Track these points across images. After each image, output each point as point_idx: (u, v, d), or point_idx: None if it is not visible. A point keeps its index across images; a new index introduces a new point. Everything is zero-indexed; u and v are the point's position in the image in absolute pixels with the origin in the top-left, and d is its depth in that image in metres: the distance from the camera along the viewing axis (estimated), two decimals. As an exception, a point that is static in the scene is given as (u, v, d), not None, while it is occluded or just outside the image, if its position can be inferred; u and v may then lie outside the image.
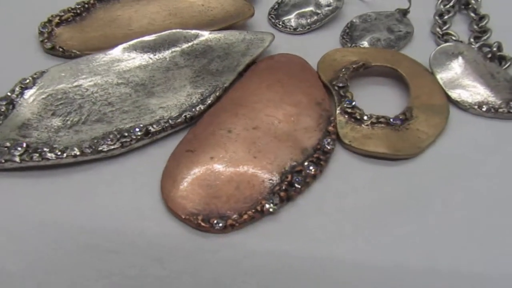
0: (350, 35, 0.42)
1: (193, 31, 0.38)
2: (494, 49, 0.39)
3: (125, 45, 0.36)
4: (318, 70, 0.36)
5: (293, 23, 0.43)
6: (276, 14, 0.43)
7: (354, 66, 0.36)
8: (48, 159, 0.28)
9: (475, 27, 0.43)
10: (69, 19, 0.39)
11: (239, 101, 0.33)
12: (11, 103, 0.31)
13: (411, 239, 0.26)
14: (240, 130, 0.30)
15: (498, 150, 0.32)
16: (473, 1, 0.45)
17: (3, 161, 0.28)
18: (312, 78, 0.36)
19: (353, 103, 0.33)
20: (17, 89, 0.32)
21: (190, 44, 0.37)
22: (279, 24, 0.42)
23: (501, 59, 0.39)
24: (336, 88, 0.35)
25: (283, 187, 0.27)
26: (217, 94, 0.34)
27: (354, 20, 0.43)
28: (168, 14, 0.41)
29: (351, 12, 0.45)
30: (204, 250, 0.25)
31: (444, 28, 0.43)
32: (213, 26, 0.40)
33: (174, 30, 0.38)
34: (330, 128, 0.31)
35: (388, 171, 0.30)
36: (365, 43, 0.41)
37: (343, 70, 0.36)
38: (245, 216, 0.26)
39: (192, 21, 0.41)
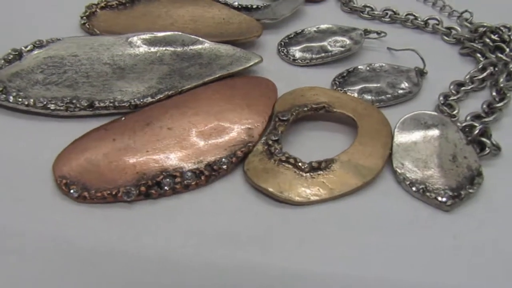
0: (345, 79, 0.40)
1: (193, 37, 0.41)
2: (476, 132, 0.34)
3: (132, 35, 0.41)
4: (278, 99, 0.36)
5: (297, 54, 0.43)
6: (287, 42, 0.44)
7: (313, 106, 0.35)
8: (8, 101, 0.34)
9: (485, 106, 0.37)
10: (113, 6, 0.45)
11: (180, 103, 0.35)
12: (20, 55, 0.38)
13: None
14: (156, 126, 0.32)
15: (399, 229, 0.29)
16: (502, 80, 0.39)
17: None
18: (265, 104, 0.36)
19: (277, 138, 0.33)
20: (30, 46, 0.38)
21: (185, 48, 0.40)
22: (283, 52, 0.43)
23: (482, 145, 0.34)
24: (276, 119, 0.34)
25: (148, 184, 0.29)
26: (169, 93, 0.36)
27: (360, 67, 0.41)
28: (190, 20, 0.45)
29: (369, 57, 0.43)
30: (58, 212, 0.27)
31: (453, 98, 0.38)
32: (221, 38, 0.42)
33: (176, 32, 0.41)
34: (239, 152, 0.32)
35: (263, 209, 0.29)
36: (355, 92, 0.39)
37: (298, 107, 0.35)
38: (98, 194, 0.28)
39: (206, 30, 0.43)
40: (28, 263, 0.25)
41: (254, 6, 0.47)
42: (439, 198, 0.29)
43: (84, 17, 0.43)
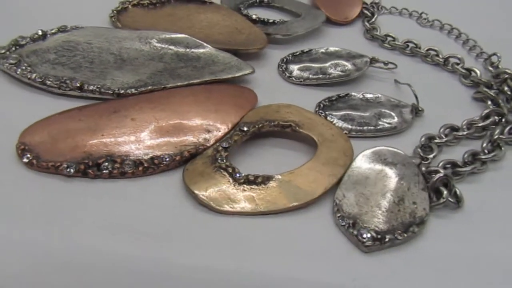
0: (332, 103, 0.39)
1: (198, 41, 0.42)
2: (434, 179, 0.31)
3: (145, 32, 0.43)
4: (251, 111, 0.37)
5: (295, 72, 0.42)
6: (289, 59, 0.44)
7: (280, 123, 0.35)
8: (16, 72, 0.38)
9: (467, 155, 0.34)
10: (144, 4, 0.49)
11: (154, 99, 0.36)
12: (44, 36, 0.42)
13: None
14: (122, 115, 0.34)
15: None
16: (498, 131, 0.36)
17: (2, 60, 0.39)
18: (235, 113, 0.36)
19: (227, 146, 0.33)
20: (55, 29, 0.43)
21: (187, 50, 0.42)
22: (281, 67, 0.43)
23: (438, 194, 0.31)
24: (237, 128, 0.35)
25: (89, 164, 0.31)
26: (153, 88, 0.38)
27: (353, 94, 0.40)
28: (206, 25, 0.46)
29: (373, 86, 0.41)
30: (9, 172, 0.30)
31: (438, 141, 0.36)
32: (228, 45, 0.43)
33: (184, 35, 0.43)
34: (186, 153, 0.32)
35: (186, 210, 0.30)
36: (336, 118, 0.38)
37: (265, 121, 0.35)
38: (44, 164, 0.30)
39: (217, 37, 0.45)
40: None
41: (271, 21, 0.47)
42: (360, 237, 0.27)
43: (115, 11, 0.47)
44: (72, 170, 0.30)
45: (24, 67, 0.39)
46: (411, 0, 0.52)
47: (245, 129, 0.34)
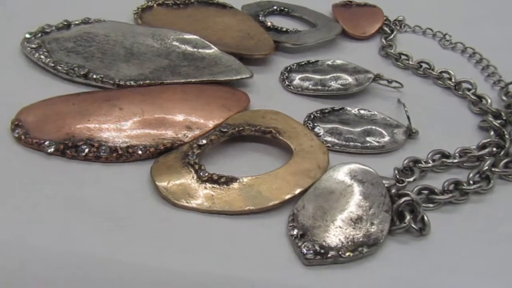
0: (324, 115, 0.39)
1: (206, 42, 0.44)
2: (399, 202, 0.30)
3: (160, 30, 0.45)
4: (237, 114, 0.37)
5: (295, 81, 0.42)
6: (293, 68, 0.44)
7: (261, 128, 0.35)
8: (33, 56, 0.41)
9: (447, 184, 0.33)
10: (168, 4, 0.51)
11: (147, 92, 0.38)
12: (68, 26, 0.45)
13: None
14: (112, 104, 0.36)
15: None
16: (489, 163, 0.34)
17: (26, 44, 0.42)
18: (221, 114, 0.37)
19: (202, 143, 0.34)
20: (79, 21, 0.46)
21: (194, 49, 0.43)
22: (283, 75, 0.43)
23: (402, 218, 0.30)
24: (217, 129, 0.35)
25: (69, 145, 0.33)
26: (150, 82, 0.40)
27: (348, 108, 0.40)
28: (221, 28, 0.48)
29: (375, 102, 0.41)
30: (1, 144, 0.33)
31: (423, 165, 0.34)
32: (236, 49, 0.44)
33: (195, 36, 0.44)
34: (161, 146, 0.34)
35: (147, 200, 0.31)
36: (322, 131, 0.37)
37: (248, 125, 0.36)
38: (29, 140, 0.33)
39: (228, 40, 0.46)
40: None
41: (284, 29, 0.47)
42: (302, 249, 0.27)
43: (140, 8, 0.50)
44: (52, 149, 0.32)
45: (41, 52, 0.42)
46: (438, 20, 0.50)
47: (225, 130, 0.34)
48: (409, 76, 0.45)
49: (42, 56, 0.41)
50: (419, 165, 0.34)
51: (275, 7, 0.51)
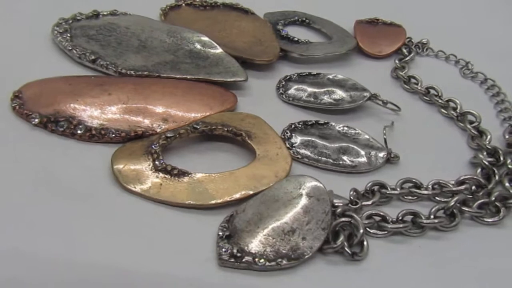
0: (306, 127, 0.39)
1: (214, 43, 0.45)
2: (335, 223, 0.29)
3: (175, 27, 0.48)
4: (217, 113, 0.38)
5: (290, 90, 0.43)
6: (292, 78, 0.44)
7: (233, 130, 0.36)
8: (57, 39, 0.45)
9: (402, 214, 0.31)
10: (196, 5, 0.53)
11: (139, 82, 0.40)
12: (97, 16, 0.49)
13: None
14: (104, 89, 0.38)
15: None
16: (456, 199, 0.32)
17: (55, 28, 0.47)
18: (202, 112, 0.38)
19: (171, 136, 0.35)
20: (107, 12, 0.50)
21: (201, 48, 0.45)
22: (280, 84, 0.43)
23: (336, 237, 0.29)
24: (190, 125, 0.36)
25: (51, 119, 0.36)
26: (148, 74, 0.42)
27: (333, 124, 0.39)
28: (236, 33, 0.49)
29: (365, 121, 0.40)
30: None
31: (388, 192, 0.33)
32: (242, 53, 0.46)
33: (205, 37, 0.46)
34: (133, 132, 0.35)
35: (103, 179, 0.32)
36: (298, 141, 0.37)
37: (223, 126, 0.36)
38: (21, 111, 0.36)
39: (238, 44, 0.47)
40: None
41: (296, 39, 0.48)
42: (221, 249, 0.27)
43: (168, 6, 0.53)
44: (36, 121, 0.35)
45: (64, 36, 0.46)
46: (466, 48, 0.48)
47: (197, 127, 0.35)
48: (415, 100, 0.43)
49: (62, 40, 0.45)
50: (384, 190, 0.32)
51: (297, 18, 0.51)
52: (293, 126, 0.38)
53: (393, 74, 0.45)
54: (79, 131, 0.35)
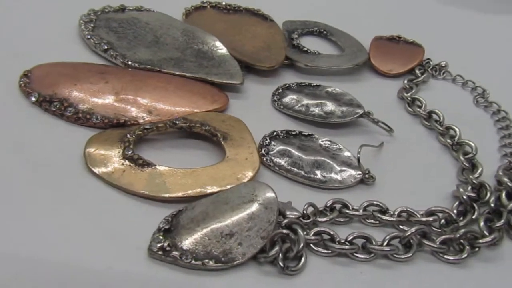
0: (288, 136, 0.39)
1: (222, 45, 0.46)
2: (273, 234, 0.28)
3: (191, 27, 0.49)
4: (203, 112, 0.39)
5: (284, 99, 0.42)
6: (291, 87, 0.44)
7: (211, 130, 0.37)
8: (81, 27, 0.49)
9: (352, 237, 0.30)
10: (220, 8, 0.55)
11: (137, 74, 0.42)
12: (123, 10, 0.52)
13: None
14: (104, 76, 0.40)
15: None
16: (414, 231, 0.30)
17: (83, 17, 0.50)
18: (188, 109, 0.39)
19: (147, 128, 0.36)
20: (133, 7, 0.52)
21: (210, 48, 0.46)
22: (277, 91, 0.43)
23: (272, 247, 0.28)
24: (170, 120, 0.37)
25: (47, 99, 0.38)
26: (150, 68, 0.43)
27: (316, 137, 0.39)
28: (249, 37, 0.50)
29: (354, 137, 0.39)
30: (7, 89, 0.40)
31: (352, 212, 0.32)
32: (248, 57, 0.46)
33: (215, 40, 0.47)
34: (115, 120, 0.37)
35: (76, 162, 0.34)
36: (276, 150, 0.37)
37: (201, 125, 0.37)
38: (24, 88, 0.39)
39: (247, 48, 0.48)
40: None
41: (305, 49, 0.47)
42: (154, 240, 0.27)
43: (193, 7, 0.54)
44: (34, 99, 0.38)
45: (88, 26, 0.49)
46: (488, 76, 0.45)
47: (177, 122, 0.36)
48: (416, 124, 0.41)
49: (84, 29, 0.48)
50: (345, 210, 0.31)
51: (316, 28, 0.51)
52: (275, 133, 0.37)
53: (399, 95, 0.43)
54: (67, 113, 0.37)
